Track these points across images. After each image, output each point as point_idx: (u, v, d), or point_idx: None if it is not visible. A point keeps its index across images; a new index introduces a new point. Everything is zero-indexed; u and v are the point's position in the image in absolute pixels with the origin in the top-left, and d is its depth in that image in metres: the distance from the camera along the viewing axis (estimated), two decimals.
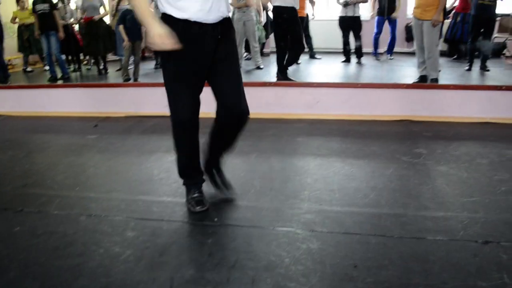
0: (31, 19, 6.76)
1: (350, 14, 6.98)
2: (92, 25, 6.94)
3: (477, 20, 6.53)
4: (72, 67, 7.54)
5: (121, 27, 5.95)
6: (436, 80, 5.26)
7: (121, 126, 4.26)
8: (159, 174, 2.93)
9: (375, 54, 7.66)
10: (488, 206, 2.35)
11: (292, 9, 5.07)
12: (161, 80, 2.29)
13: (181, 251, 2.02)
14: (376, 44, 7.59)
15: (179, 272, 1.84)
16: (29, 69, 7.52)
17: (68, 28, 7.05)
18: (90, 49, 7.18)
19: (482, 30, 6.56)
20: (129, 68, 6.09)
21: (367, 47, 7.82)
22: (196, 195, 2.41)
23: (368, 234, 2.09)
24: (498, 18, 7.86)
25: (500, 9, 8.39)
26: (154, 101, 4.47)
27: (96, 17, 6.95)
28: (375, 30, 7.57)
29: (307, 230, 2.14)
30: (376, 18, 7.49)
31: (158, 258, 1.95)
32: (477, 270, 1.80)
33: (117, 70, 6.90)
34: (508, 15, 8.32)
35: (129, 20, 5.91)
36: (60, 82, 6.40)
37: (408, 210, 2.32)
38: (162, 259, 1.95)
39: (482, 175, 2.76)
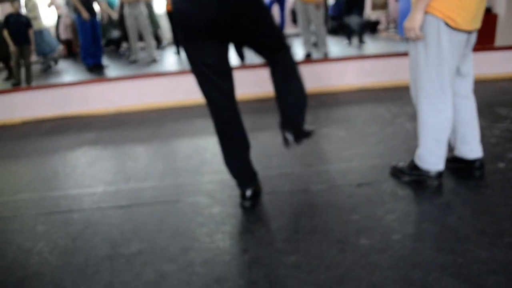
0: None
1: None
2: None
3: None
4: None
5: (5, 32, 5.71)
6: (326, 54, 5.74)
7: (18, 132, 4.17)
8: (64, 170, 3.00)
9: None
10: (361, 155, 2.75)
11: None
12: (52, 81, 2.36)
13: (93, 234, 2.15)
14: None
15: (93, 252, 1.99)
16: None
17: None
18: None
19: (353, 7, 7.19)
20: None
21: None
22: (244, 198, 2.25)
23: (263, 192, 2.37)
24: None
25: None
26: (49, 103, 4.44)
27: None
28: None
29: (208, 198, 2.38)
30: (268, 0, 7.96)
31: (71, 244, 2.07)
32: (352, 206, 2.15)
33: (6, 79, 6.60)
34: None
35: (13, 24, 5.70)
36: None
37: (295, 168, 2.65)
38: (75, 244, 2.07)
39: (357, 132, 3.18)
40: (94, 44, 6.53)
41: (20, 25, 5.86)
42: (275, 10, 7.95)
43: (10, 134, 4.15)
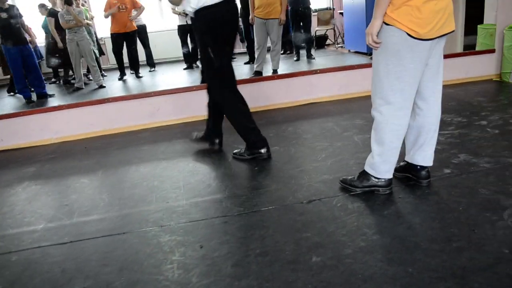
0: None
1: (190, 22, 7.36)
2: None
3: (293, 13, 7.26)
4: None
5: None
6: (276, 71, 5.81)
7: None
8: (1, 209, 2.81)
9: None
10: (311, 172, 2.74)
11: None
12: None
13: (33, 276, 2.00)
14: None
15: None
16: None
17: None
18: None
19: (300, 23, 7.31)
20: None
21: None
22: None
23: (212, 217, 2.31)
24: (315, 13, 8.81)
25: (317, 4, 9.40)
26: None
27: None
28: None
29: (156, 227, 2.28)
30: None
31: None
32: (303, 224, 2.11)
33: None
34: (325, 9, 9.34)
35: None
36: None
37: (244, 190, 2.60)
38: None
39: (307, 148, 3.17)
40: (31, 73, 6.24)
41: None
42: None
43: None
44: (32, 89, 6.43)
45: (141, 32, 7.65)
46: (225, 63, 2.88)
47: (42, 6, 7.62)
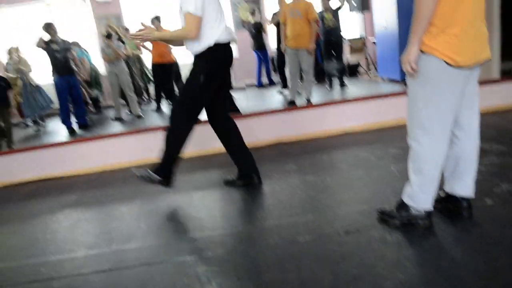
0: None
1: None
2: None
3: (326, 44, 7.34)
4: None
5: None
6: (309, 100, 5.85)
7: None
8: (44, 236, 2.90)
9: (260, 84, 8.50)
10: (348, 201, 2.71)
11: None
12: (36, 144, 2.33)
13: None
14: (260, 74, 8.64)
15: None
16: None
17: None
18: None
19: (332, 52, 7.37)
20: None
21: (239, 82, 8.49)
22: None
23: (249, 247, 2.31)
24: (347, 41, 8.86)
25: (349, 34, 9.48)
26: (30, 166, 4.37)
27: None
28: (257, 63, 8.54)
29: (193, 257, 2.30)
30: (254, 52, 8.38)
31: None
32: (341, 255, 2.09)
33: None
34: (357, 38, 9.38)
35: None
36: None
37: (281, 220, 2.59)
38: None
39: (342, 177, 3.15)
40: (75, 104, 6.50)
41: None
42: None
43: None
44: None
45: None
46: (206, 98, 2.98)
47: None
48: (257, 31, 8.37)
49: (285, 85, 7.36)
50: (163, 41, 3.22)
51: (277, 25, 6.95)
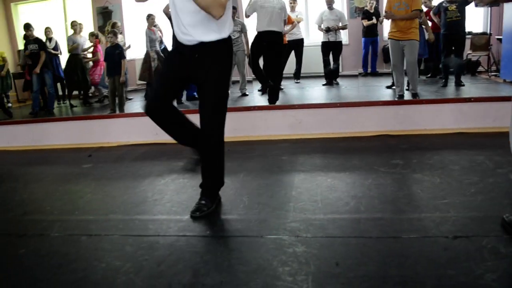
0: None
1: (332, 39, 7.43)
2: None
3: (447, 38, 6.88)
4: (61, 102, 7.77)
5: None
6: (417, 94, 5.58)
7: (114, 155, 4.43)
8: (152, 196, 3.10)
9: (366, 71, 8.27)
10: (458, 206, 2.56)
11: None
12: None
13: (177, 261, 2.17)
14: (365, 62, 8.26)
15: (176, 279, 2.00)
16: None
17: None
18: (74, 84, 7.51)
19: (453, 47, 6.91)
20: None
21: (348, 70, 8.30)
22: None
23: (349, 236, 2.28)
24: (469, 36, 8.25)
25: (472, 28, 8.82)
26: (143, 131, 4.68)
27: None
28: (363, 50, 8.22)
29: (292, 236, 2.32)
30: (363, 39, 8.11)
31: (156, 268, 2.11)
32: (447, 261, 1.98)
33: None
34: (481, 33, 8.72)
35: (108, 56, 6.19)
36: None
37: (385, 214, 2.52)
38: (160, 268, 2.10)
39: (454, 180, 2.97)
40: None
41: (114, 57, 6.16)
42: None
43: (107, 156, 4.42)
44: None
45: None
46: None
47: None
48: (370, 19, 8.10)
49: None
50: None
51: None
